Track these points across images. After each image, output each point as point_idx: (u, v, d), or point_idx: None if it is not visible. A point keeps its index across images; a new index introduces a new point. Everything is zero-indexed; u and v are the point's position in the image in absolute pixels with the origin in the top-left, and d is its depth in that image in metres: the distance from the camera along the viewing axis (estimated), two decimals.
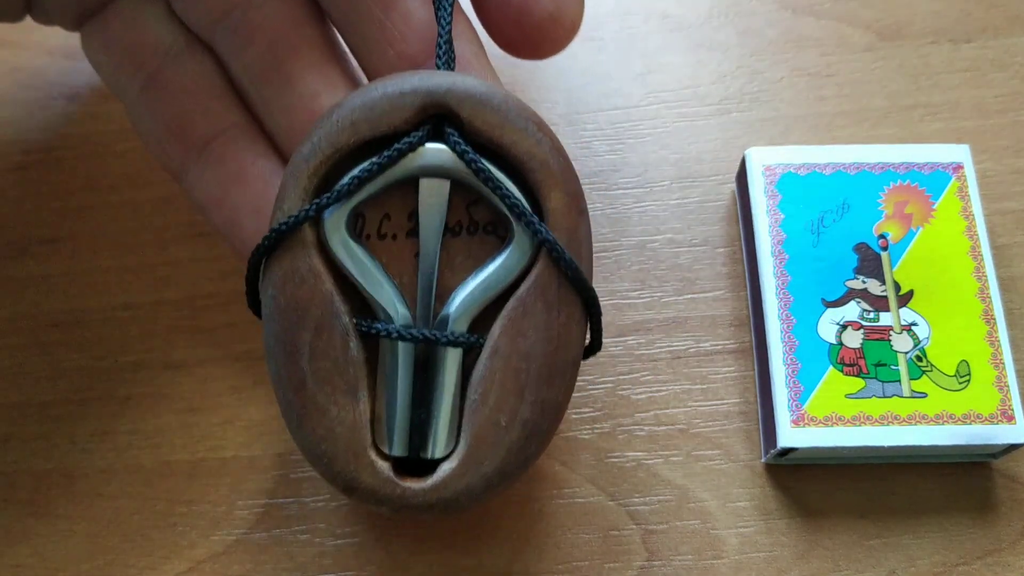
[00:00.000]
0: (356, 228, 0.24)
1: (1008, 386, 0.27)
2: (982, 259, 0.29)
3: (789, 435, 0.27)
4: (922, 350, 0.28)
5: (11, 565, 0.28)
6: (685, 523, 0.28)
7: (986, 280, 0.28)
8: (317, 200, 0.23)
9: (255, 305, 0.25)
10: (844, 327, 0.28)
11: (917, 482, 0.28)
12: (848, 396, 0.27)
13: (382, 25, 0.26)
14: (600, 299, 0.30)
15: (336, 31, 0.28)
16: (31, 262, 0.32)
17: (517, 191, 0.24)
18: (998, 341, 0.28)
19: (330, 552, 0.28)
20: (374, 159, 0.23)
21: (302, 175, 0.23)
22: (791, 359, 0.28)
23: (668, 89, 0.34)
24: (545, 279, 0.23)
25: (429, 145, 0.23)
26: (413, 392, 0.24)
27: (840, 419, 0.27)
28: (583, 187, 0.32)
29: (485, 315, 0.24)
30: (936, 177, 0.30)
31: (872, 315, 0.28)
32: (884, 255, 0.29)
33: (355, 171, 0.23)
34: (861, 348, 0.28)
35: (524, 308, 0.23)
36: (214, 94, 0.28)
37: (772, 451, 0.28)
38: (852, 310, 0.28)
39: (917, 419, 0.27)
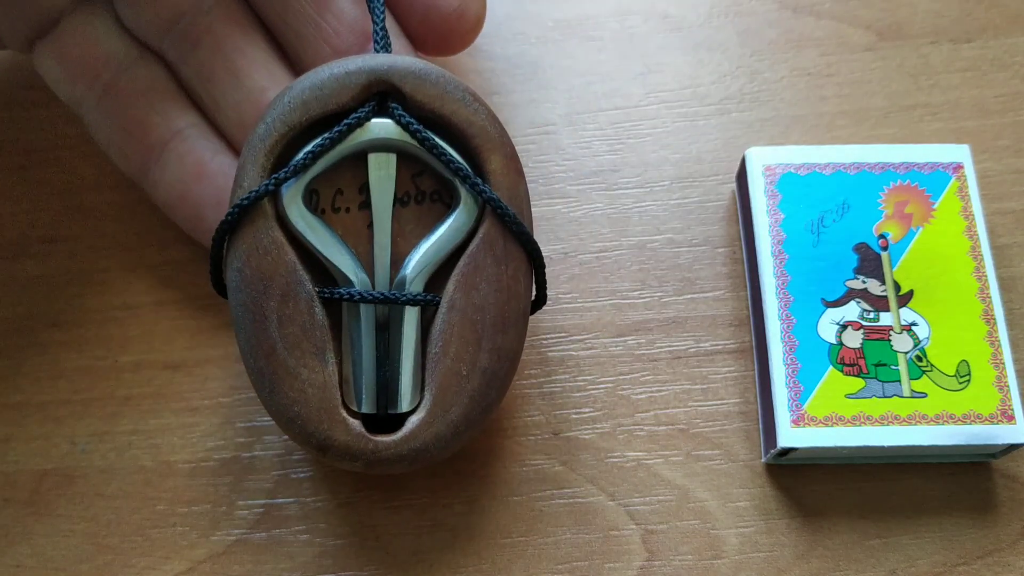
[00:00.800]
0: (311, 204, 0.26)
1: (1008, 386, 0.27)
2: (982, 259, 0.29)
3: (789, 435, 0.27)
4: (922, 350, 0.28)
5: (11, 565, 0.28)
6: (685, 523, 0.28)
7: (986, 280, 0.28)
8: (275, 175, 0.25)
9: (219, 283, 0.26)
10: (844, 327, 0.28)
11: (917, 482, 0.28)
12: (848, 396, 0.27)
13: (317, 24, 0.28)
14: (600, 299, 0.31)
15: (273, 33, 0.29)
16: (31, 262, 0.32)
17: (459, 157, 0.25)
18: (998, 341, 0.28)
19: (330, 552, 0.28)
20: (326, 134, 0.25)
21: (259, 153, 0.25)
22: (791, 359, 0.28)
23: (668, 89, 0.34)
24: (492, 235, 0.25)
25: (375, 120, 0.25)
26: (377, 353, 0.25)
27: (840, 419, 0.27)
28: (583, 187, 0.32)
29: (437, 276, 0.25)
30: (936, 177, 0.30)
31: (872, 315, 0.28)
32: (884, 255, 0.29)
33: (309, 146, 0.25)
34: (861, 348, 0.28)
35: (475, 263, 0.25)
36: (167, 97, 0.29)
37: (772, 451, 0.28)
38: (852, 310, 0.28)
39: (917, 419, 0.27)
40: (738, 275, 0.31)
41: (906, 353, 0.28)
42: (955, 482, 0.28)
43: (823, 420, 0.27)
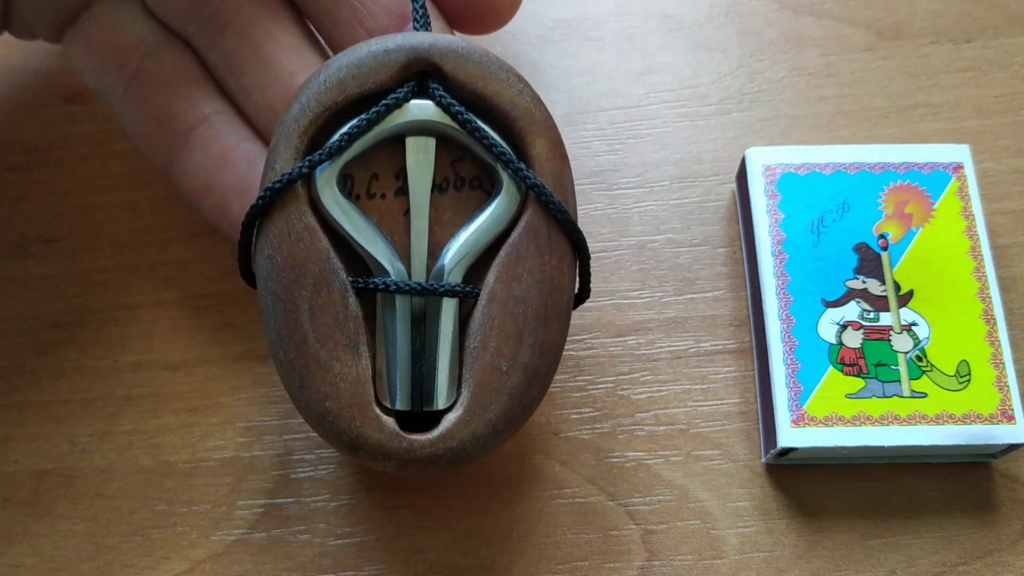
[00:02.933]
0: (345, 189, 0.25)
1: (1008, 386, 0.27)
2: (982, 259, 0.29)
3: (789, 435, 0.27)
4: (922, 350, 0.28)
5: (11, 565, 0.28)
6: (685, 523, 0.28)
7: (986, 280, 0.28)
8: (310, 157, 0.24)
9: (247, 271, 0.25)
10: (844, 327, 0.28)
11: (917, 482, 0.28)
12: (848, 396, 0.27)
13: (351, 5, 0.27)
14: (600, 299, 0.31)
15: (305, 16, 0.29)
16: (31, 262, 0.32)
17: (502, 140, 0.24)
18: (998, 341, 0.28)
19: (330, 552, 0.28)
20: (363, 115, 0.24)
21: (293, 134, 0.24)
22: (791, 359, 0.28)
23: (668, 89, 0.34)
24: (536, 223, 0.24)
25: (414, 102, 0.24)
26: (412, 347, 0.24)
27: (840, 419, 0.27)
28: (583, 187, 0.32)
29: (477, 266, 0.24)
30: (936, 177, 0.30)
31: (872, 315, 0.28)
32: (884, 255, 0.29)
33: (345, 128, 0.24)
34: (861, 348, 0.28)
35: (517, 253, 0.24)
36: (194, 84, 0.29)
37: (772, 451, 0.28)
38: (852, 310, 0.28)
39: (917, 419, 0.27)
40: (738, 275, 0.31)
41: (906, 353, 0.28)
42: (955, 482, 0.28)
43: (823, 420, 0.27)
